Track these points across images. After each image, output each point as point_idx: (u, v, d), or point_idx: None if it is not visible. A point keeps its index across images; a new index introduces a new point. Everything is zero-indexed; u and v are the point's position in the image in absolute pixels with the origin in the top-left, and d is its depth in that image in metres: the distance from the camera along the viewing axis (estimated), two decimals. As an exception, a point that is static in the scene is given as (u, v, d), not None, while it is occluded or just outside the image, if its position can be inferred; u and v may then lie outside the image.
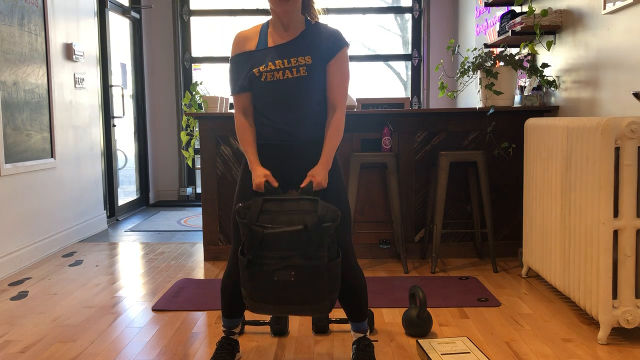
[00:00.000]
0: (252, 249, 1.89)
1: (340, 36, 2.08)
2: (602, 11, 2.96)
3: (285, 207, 1.95)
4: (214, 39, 6.68)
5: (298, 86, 2.02)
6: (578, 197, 2.56)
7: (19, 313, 2.87)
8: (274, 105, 2.05)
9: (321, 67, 2.04)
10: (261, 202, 1.96)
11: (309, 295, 1.89)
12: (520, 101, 3.93)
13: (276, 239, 1.88)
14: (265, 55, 2.05)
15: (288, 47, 2.05)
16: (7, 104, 3.63)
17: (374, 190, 3.82)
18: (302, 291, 1.89)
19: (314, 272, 1.88)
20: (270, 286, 1.90)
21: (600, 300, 2.36)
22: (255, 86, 2.06)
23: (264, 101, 2.07)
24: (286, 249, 1.88)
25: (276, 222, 1.91)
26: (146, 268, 3.72)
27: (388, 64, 6.82)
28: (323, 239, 1.88)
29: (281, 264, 1.88)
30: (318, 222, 1.87)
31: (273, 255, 1.88)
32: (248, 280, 1.93)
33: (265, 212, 1.95)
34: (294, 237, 1.87)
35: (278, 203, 1.97)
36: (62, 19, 4.43)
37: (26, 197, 3.84)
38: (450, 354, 2.23)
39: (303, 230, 1.86)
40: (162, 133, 6.59)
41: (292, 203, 1.96)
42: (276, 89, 2.03)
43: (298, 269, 1.88)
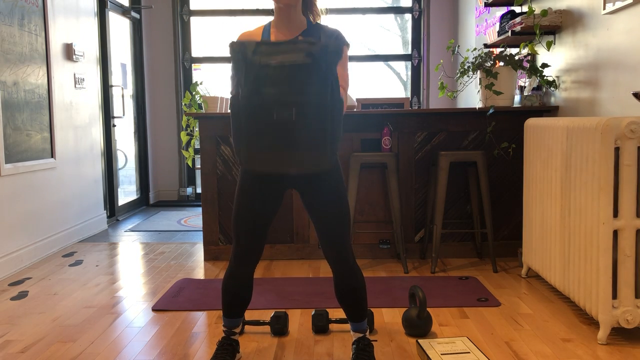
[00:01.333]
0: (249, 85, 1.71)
1: (341, 35, 2.09)
2: (602, 11, 2.97)
3: (282, 48, 1.75)
4: (214, 39, 6.68)
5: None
6: (578, 197, 2.56)
7: (19, 313, 2.87)
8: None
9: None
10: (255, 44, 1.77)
11: (312, 138, 1.72)
12: (520, 101, 3.93)
13: (275, 72, 1.70)
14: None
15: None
16: (7, 104, 3.63)
17: (374, 190, 3.82)
18: (303, 132, 1.71)
19: (316, 111, 1.71)
20: (269, 128, 1.71)
21: (600, 300, 2.36)
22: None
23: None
24: (286, 84, 1.69)
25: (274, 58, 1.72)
26: (146, 268, 3.72)
27: (388, 64, 6.82)
28: (327, 72, 1.71)
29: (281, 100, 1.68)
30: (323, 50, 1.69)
31: (272, 91, 1.70)
32: (244, 121, 1.73)
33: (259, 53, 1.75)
34: (295, 70, 1.69)
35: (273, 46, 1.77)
36: (62, 19, 4.43)
37: (26, 197, 3.84)
38: (450, 354, 2.24)
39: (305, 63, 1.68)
40: (162, 133, 6.59)
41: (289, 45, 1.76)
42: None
43: (299, 105, 1.69)
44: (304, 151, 1.74)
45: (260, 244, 2.10)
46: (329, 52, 1.73)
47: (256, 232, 2.08)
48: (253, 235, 2.07)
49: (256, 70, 1.71)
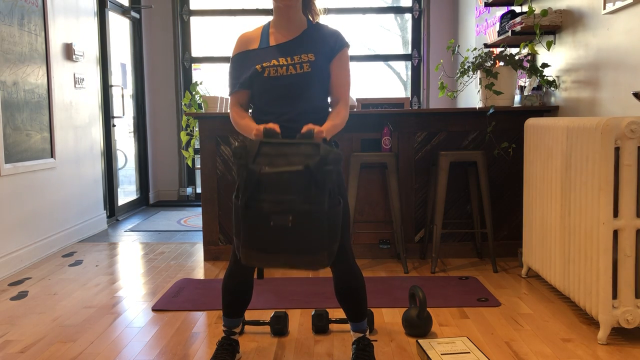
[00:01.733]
0: (248, 191, 1.75)
1: (341, 36, 2.10)
2: (602, 11, 2.97)
3: (284, 150, 1.80)
4: (214, 39, 6.68)
5: (302, 82, 2.02)
6: (578, 197, 2.56)
7: (19, 313, 2.87)
8: (276, 101, 2.05)
9: (324, 65, 2.05)
10: (258, 145, 1.82)
11: (307, 243, 1.75)
12: (520, 101, 3.93)
13: (274, 180, 1.74)
14: (268, 53, 2.05)
15: (291, 45, 2.06)
16: (7, 104, 3.63)
17: (374, 190, 3.82)
18: (300, 238, 1.74)
19: (313, 218, 1.74)
20: (266, 232, 1.75)
21: (600, 300, 2.36)
22: (258, 83, 2.05)
23: (266, 97, 2.06)
24: (284, 192, 1.73)
25: (274, 164, 1.77)
26: (146, 268, 3.72)
27: (388, 64, 6.82)
28: (325, 183, 1.75)
29: (278, 208, 1.72)
30: (320, 163, 1.73)
31: (270, 198, 1.74)
32: (242, 225, 1.78)
33: (262, 154, 1.80)
34: (294, 179, 1.73)
35: (276, 147, 1.82)
36: (62, 19, 4.43)
37: (26, 197, 3.84)
38: (450, 354, 2.23)
39: (303, 172, 1.72)
40: (162, 133, 6.59)
41: (291, 147, 1.81)
42: (279, 85, 2.03)
43: (296, 213, 1.72)
44: (300, 255, 1.77)
45: None
46: (328, 162, 1.75)
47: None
48: None
49: (256, 178, 1.75)
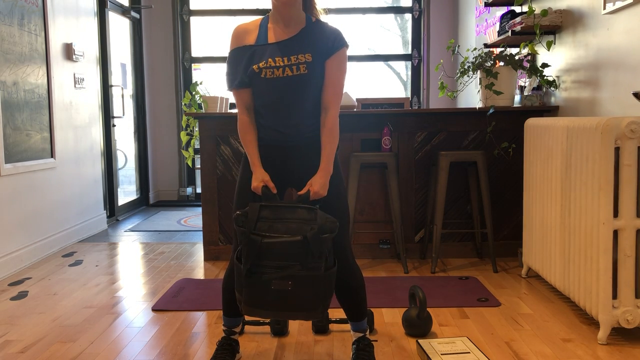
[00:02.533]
0: (251, 259, 1.88)
1: (340, 35, 2.07)
2: (602, 11, 2.96)
3: (282, 214, 1.93)
4: (214, 39, 6.68)
5: (298, 84, 2.01)
6: (578, 197, 2.56)
7: (19, 313, 2.87)
8: (273, 103, 2.05)
9: (321, 65, 2.03)
10: (258, 209, 1.95)
11: (306, 303, 1.89)
12: (520, 101, 3.93)
13: (274, 248, 1.86)
14: (265, 50, 2.04)
15: (288, 44, 2.04)
16: (7, 104, 3.63)
17: (374, 190, 3.82)
18: (298, 299, 1.88)
19: (311, 282, 1.87)
20: (267, 294, 1.88)
21: (600, 300, 2.36)
22: (255, 83, 2.05)
23: (263, 99, 2.06)
24: (284, 259, 1.86)
25: (273, 230, 1.90)
26: (146, 268, 3.72)
27: (388, 64, 6.82)
28: (322, 250, 1.87)
29: (279, 274, 1.86)
30: (317, 233, 1.86)
31: (271, 264, 1.87)
32: (244, 286, 1.91)
33: (262, 219, 1.93)
34: (292, 247, 1.85)
35: (275, 210, 1.95)
36: (62, 19, 4.43)
37: (26, 197, 3.84)
38: (450, 354, 2.23)
39: (302, 241, 1.85)
40: (162, 133, 6.59)
41: (289, 210, 1.94)
42: (276, 87, 2.02)
43: (296, 279, 1.86)
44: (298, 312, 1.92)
45: None
46: (325, 231, 1.87)
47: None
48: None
49: (258, 247, 1.87)
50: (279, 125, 2.05)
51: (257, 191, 2.04)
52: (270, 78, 2.00)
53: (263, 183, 2.03)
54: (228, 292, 2.17)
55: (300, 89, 2.01)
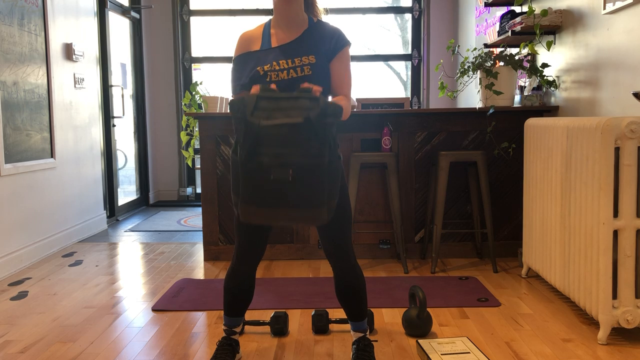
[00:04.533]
0: (247, 144, 1.73)
1: (342, 35, 2.09)
2: (602, 11, 2.97)
3: (282, 104, 1.77)
4: (214, 39, 6.68)
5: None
6: (578, 197, 2.56)
7: (19, 313, 2.87)
8: None
9: (325, 66, 2.04)
10: (256, 99, 1.78)
11: (307, 197, 1.73)
12: (520, 101, 3.93)
13: (274, 133, 1.71)
14: (269, 55, 2.05)
15: (291, 46, 2.05)
16: (7, 104, 3.63)
17: (374, 190, 3.82)
18: (300, 192, 1.73)
19: (313, 172, 1.72)
20: (266, 186, 1.73)
21: (600, 300, 2.36)
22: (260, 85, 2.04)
23: None
24: (284, 145, 1.71)
25: (273, 117, 1.74)
26: (146, 268, 3.72)
27: (388, 64, 6.82)
28: (325, 135, 1.73)
29: (279, 160, 1.71)
30: (320, 115, 1.72)
31: (270, 151, 1.72)
32: (242, 179, 1.76)
33: (260, 108, 1.77)
34: (293, 132, 1.71)
35: (274, 101, 1.78)
36: (62, 19, 4.43)
37: (26, 197, 3.84)
38: (450, 354, 2.23)
39: (303, 124, 1.70)
40: (162, 133, 6.59)
41: (289, 101, 1.77)
42: (281, 89, 2.02)
43: (297, 167, 1.71)
44: (300, 208, 1.75)
45: (261, 242, 2.10)
46: (328, 113, 1.74)
47: (257, 231, 2.08)
48: (254, 233, 2.07)
49: (255, 131, 1.73)
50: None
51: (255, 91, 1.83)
52: (275, 81, 2.01)
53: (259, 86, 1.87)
54: (229, 291, 2.17)
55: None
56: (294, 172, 1.71)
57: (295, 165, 1.71)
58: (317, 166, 1.73)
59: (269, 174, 1.72)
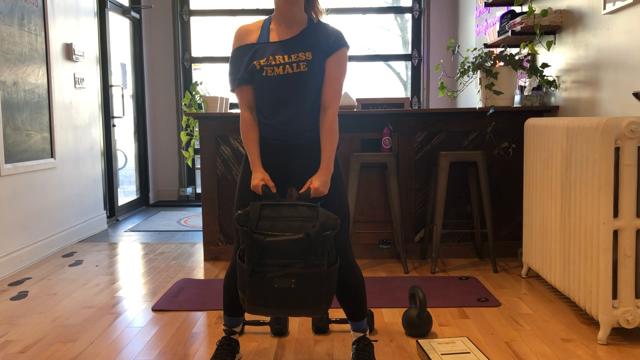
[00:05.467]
0: (254, 259, 1.88)
1: (341, 36, 2.09)
2: (602, 11, 2.96)
3: (283, 212, 1.94)
4: (214, 39, 6.68)
5: (298, 82, 2.02)
6: (578, 197, 2.56)
7: (19, 313, 2.87)
8: (273, 101, 2.05)
9: (321, 64, 2.05)
10: (259, 208, 1.95)
11: (308, 299, 1.90)
12: (520, 101, 3.93)
13: (277, 246, 1.87)
14: (266, 48, 2.05)
15: (289, 42, 2.05)
16: (7, 104, 3.63)
17: (374, 190, 3.82)
18: (302, 296, 1.89)
19: (314, 279, 1.88)
20: (270, 292, 1.89)
21: (600, 300, 2.36)
22: (256, 81, 2.06)
23: (263, 97, 2.07)
24: (287, 257, 1.87)
25: (275, 228, 1.91)
26: (146, 268, 3.72)
27: (388, 64, 6.82)
28: (324, 247, 1.88)
29: (282, 272, 1.87)
30: (319, 231, 1.87)
31: (273, 262, 1.88)
32: (248, 285, 1.92)
33: (263, 218, 1.94)
34: (295, 245, 1.86)
35: (276, 209, 1.95)
36: (62, 19, 4.43)
37: (26, 197, 3.84)
38: (450, 354, 2.23)
39: (304, 239, 1.86)
40: (162, 133, 6.59)
41: (290, 209, 1.95)
42: (276, 85, 2.03)
43: (298, 276, 1.87)
44: (301, 309, 1.92)
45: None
46: (327, 228, 1.88)
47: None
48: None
49: (261, 246, 1.87)
50: (279, 124, 2.06)
51: (256, 190, 2.04)
52: (271, 76, 2.02)
53: (263, 182, 2.04)
54: (229, 291, 2.17)
55: (300, 86, 2.02)
56: (295, 282, 1.88)
57: (296, 276, 1.88)
58: (317, 275, 1.89)
59: (273, 283, 1.89)
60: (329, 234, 1.88)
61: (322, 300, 1.92)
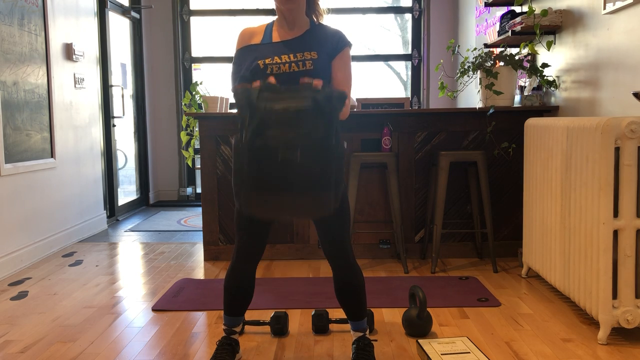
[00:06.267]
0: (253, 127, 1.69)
1: (343, 36, 2.11)
2: (602, 11, 2.96)
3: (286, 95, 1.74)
4: (214, 39, 6.68)
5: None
6: (578, 197, 2.56)
7: (19, 313, 2.87)
8: None
9: (326, 63, 2.05)
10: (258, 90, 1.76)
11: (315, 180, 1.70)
12: (520, 101, 3.93)
13: (280, 116, 1.68)
14: (270, 48, 2.05)
15: (294, 42, 2.06)
16: (7, 104, 3.63)
17: (374, 190, 3.82)
18: (307, 174, 1.68)
19: (320, 153, 1.70)
20: (272, 169, 1.68)
21: (600, 300, 2.36)
22: (260, 79, 2.04)
23: None
24: (291, 127, 1.68)
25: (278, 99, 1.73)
26: (146, 268, 3.72)
27: (388, 64, 6.82)
28: (332, 118, 1.72)
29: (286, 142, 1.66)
30: (327, 96, 1.70)
31: (276, 133, 1.68)
32: (247, 162, 1.71)
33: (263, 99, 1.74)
34: (301, 114, 1.68)
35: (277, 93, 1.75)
36: (62, 19, 4.43)
37: (26, 197, 3.84)
38: (450, 354, 2.23)
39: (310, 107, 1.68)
40: (162, 133, 6.59)
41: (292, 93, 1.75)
42: (282, 83, 2.01)
43: (304, 148, 1.67)
44: (306, 193, 1.71)
45: (262, 239, 2.10)
46: (334, 97, 1.73)
47: (258, 228, 2.08)
48: (255, 230, 2.08)
49: (261, 114, 1.70)
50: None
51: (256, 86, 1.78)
52: (277, 73, 2.00)
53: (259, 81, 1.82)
54: (229, 291, 2.17)
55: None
56: (301, 153, 1.66)
57: (302, 147, 1.67)
58: (325, 148, 1.70)
59: (276, 156, 1.67)
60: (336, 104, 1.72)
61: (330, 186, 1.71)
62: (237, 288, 2.16)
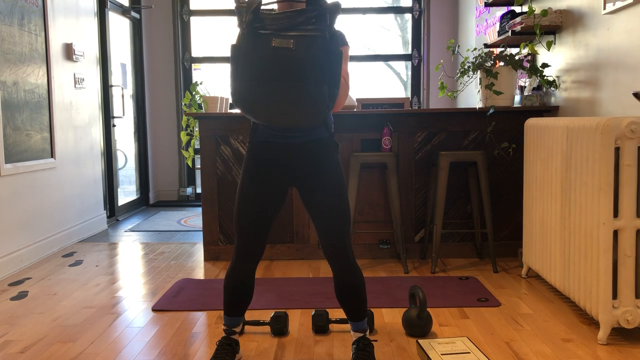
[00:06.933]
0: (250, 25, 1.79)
1: (343, 36, 2.11)
2: (602, 11, 2.97)
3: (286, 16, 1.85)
4: (214, 39, 6.68)
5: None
6: (578, 197, 2.56)
7: (19, 313, 2.87)
8: None
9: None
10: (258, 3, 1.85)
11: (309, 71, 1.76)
12: (520, 101, 3.93)
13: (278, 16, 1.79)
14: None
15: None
16: (7, 104, 3.63)
17: (374, 190, 3.82)
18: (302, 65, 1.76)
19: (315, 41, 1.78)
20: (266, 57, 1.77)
21: (600, 300, 2.36)
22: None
23: None
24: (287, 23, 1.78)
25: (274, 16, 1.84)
26: (146, 268, 3.72)
27: (388, 64, 6.82)
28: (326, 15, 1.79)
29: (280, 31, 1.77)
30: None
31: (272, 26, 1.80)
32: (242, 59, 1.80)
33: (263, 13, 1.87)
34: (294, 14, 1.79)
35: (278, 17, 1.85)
36: (62, 19, 4.43)
37: (26, 197, 3.84)
38: (450, 354, 2.23)
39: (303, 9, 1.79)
40: (162, 133, 6.59)
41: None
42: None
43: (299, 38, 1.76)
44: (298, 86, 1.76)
45: (262, 239, 2.10)
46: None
47: (258, 227, 2.08)
48: (255, 230, 2.08)
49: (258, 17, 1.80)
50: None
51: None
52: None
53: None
54: (229, 290, 2.17)
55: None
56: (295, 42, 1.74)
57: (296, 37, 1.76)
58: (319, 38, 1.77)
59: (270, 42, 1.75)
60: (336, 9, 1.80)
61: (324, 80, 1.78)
62: (237, 288, 2.16)
